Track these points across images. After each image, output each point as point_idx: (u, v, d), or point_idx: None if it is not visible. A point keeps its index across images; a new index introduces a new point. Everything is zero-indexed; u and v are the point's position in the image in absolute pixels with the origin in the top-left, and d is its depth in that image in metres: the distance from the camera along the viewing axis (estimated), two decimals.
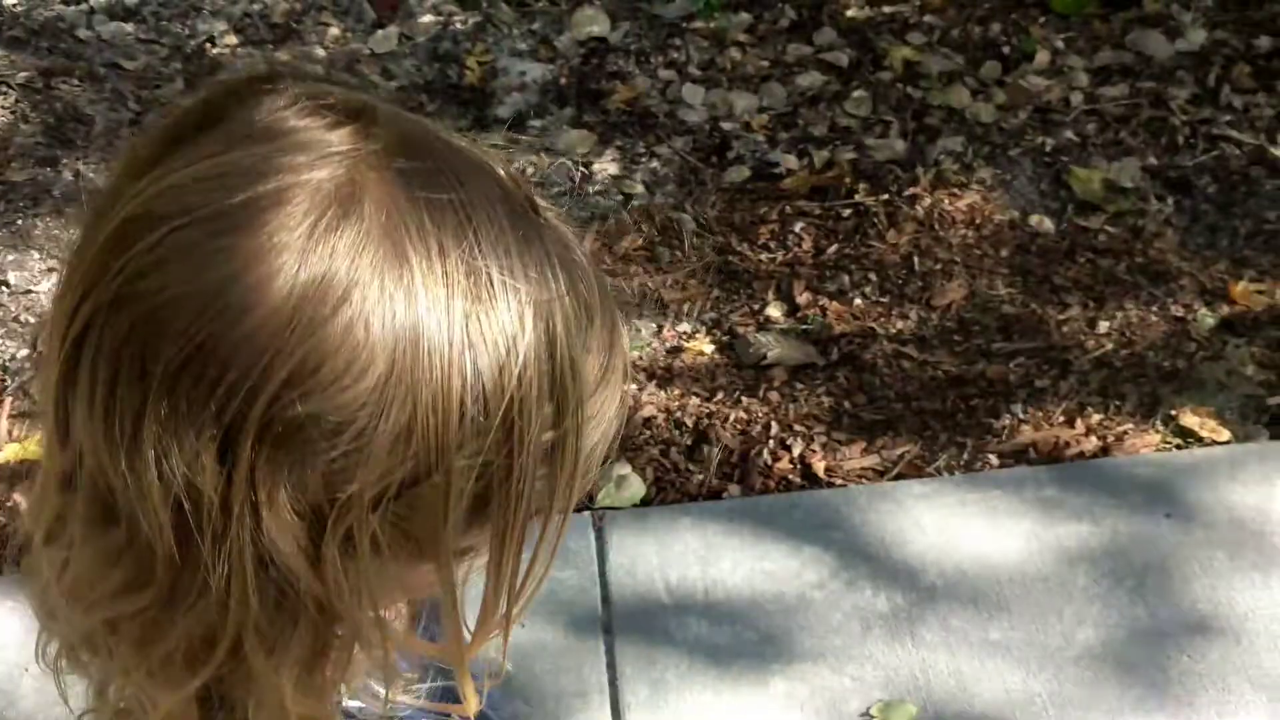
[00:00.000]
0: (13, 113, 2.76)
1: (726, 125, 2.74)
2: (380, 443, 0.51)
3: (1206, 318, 2.30)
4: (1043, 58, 2.82)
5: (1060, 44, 2.86)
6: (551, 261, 0.55)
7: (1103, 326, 2.29)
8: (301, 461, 0.51)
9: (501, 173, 0.57)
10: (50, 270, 2.47)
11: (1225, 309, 2.31)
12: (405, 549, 0.56)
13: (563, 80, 2.85)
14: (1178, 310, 2.32)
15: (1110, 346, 2.25)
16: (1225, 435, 2.05)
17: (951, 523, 1.91)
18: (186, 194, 0.51)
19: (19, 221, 2.54)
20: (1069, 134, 2.66)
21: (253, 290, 0.49)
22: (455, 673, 0.62)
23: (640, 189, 2.63)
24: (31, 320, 2.38)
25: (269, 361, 0.50)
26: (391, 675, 0.61)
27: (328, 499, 0.52)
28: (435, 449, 0.52)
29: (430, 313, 0.51)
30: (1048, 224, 2.49)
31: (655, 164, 2.68)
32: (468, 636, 0.61)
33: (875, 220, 2.50)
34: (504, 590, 0.59)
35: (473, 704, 0.63)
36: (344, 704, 0.63)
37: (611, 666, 1.76)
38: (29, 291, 2.43)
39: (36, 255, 2.49)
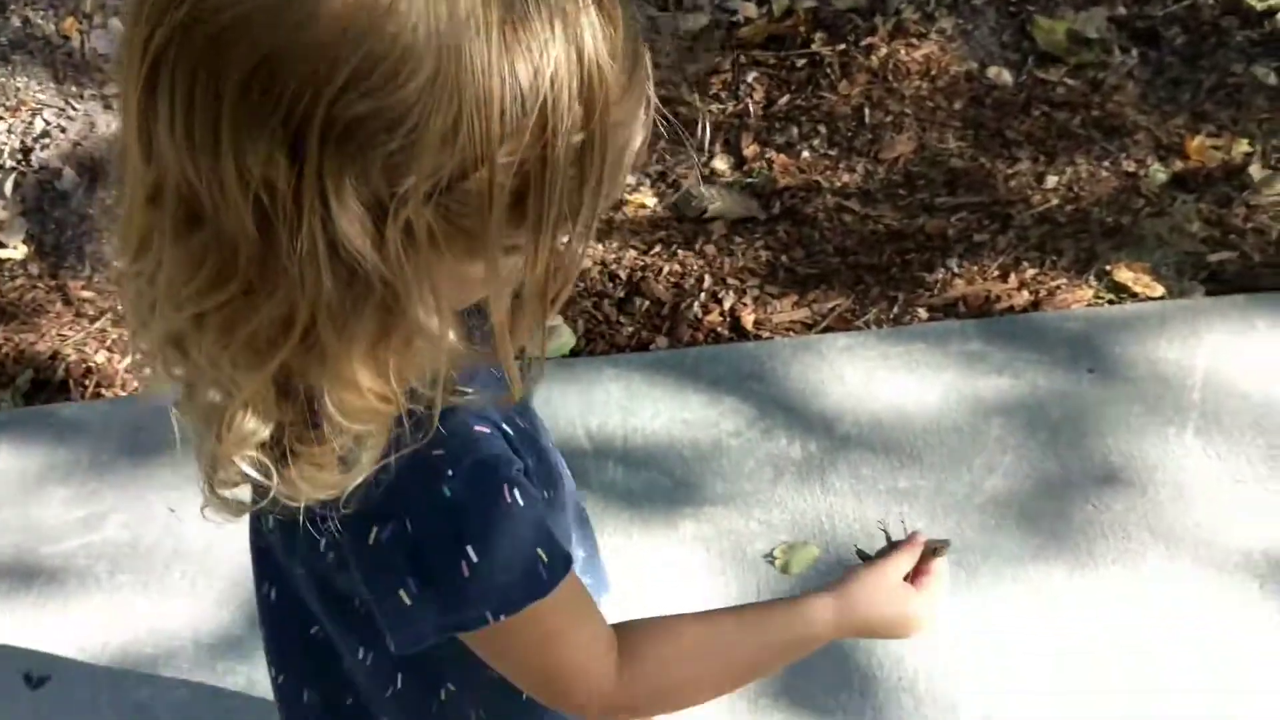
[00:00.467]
0: None
1: None
2: (430, 138, 0.58)
3: (1158, 173, 2.26)
4: None
5: None
6: None
7: (1051, 181, 2.25)
8: (363, 155, 0.58)
9: None
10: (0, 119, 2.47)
11: (1179, 164, 2.27)
12: (458, 243, 0.63)
13: None
14: (1130, 166, 2.27)
15: (1056, 201, 2.22)
16: (1159, 291, 2.03)
17: (873, 375, 1.93)
18: None
19: None
20: None
21: (312, 2, 0.55)
22: (503, 362, 0.69)
23: None
24: None
25: (329, 66, 0.56)
26: (455, 356, 0.68)
27: (388, 191, 0.59)
28: (479, 144, 0.59)
29: (470, 20, 0.57)
30: (1006, 76, 2.43)
31: None
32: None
33: (829, 71, 2.44)
34: (540, 282, 0.66)
35: (518, 390, 0.71)
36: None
37: None
38: None
39: None
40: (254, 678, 1.64)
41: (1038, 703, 1.55)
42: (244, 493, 0.76)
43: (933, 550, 1.00)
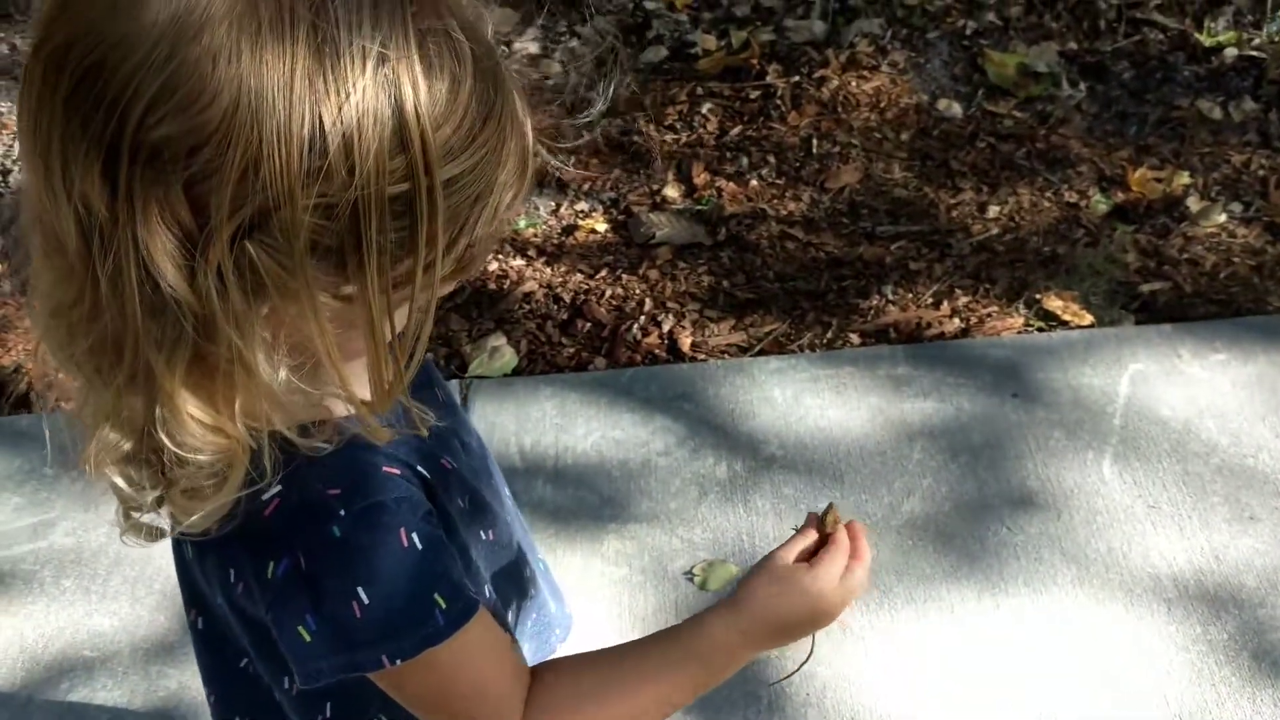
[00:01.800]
0: None
1: (650, 4, 2.73)
2: (230, 170, 0.59)
3: (1100, 203, 2.30)
4: None
5: None
6: (404, 26, 0.61)
7: (992, 211, 2.30)
8: (166, 180, 0.60)
9: None
10: None
11: (1120, 196, 2.31)
12: (279, 284, 0.63)
13: None
14: (1072, 197, 2.32)
15: (995, 231, 2.26)
16: (1088, 319, 2.06)
17: (801, 397, 1.97)
18: None
19: None
20: (991, 17, 2.62)
21: (129, 20, 0.59)
22: (350, 406, 0.70)
23: (557, 68, 2.65)
24: None
25: (137, 85, 0.59)
26: (295, 398, 0.68)
27: (195, 221, 0.61)
28: (279, 181, 0.59)
29: (274, 58, 0.59)
30: (956, 108, 2.48)
31: (575, 43, 2.69)
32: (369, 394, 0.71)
33: (780, 102, 2.50)
34: (382, 339, 0.66)
35: (383, 435, 0.73)
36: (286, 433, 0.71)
37: None
38: None
39: None
40: (185, 682, 1.69)
41: (945, 719, 1.58)
42: (164, 520, 0.77)
43: (820, 520, 0.94)
